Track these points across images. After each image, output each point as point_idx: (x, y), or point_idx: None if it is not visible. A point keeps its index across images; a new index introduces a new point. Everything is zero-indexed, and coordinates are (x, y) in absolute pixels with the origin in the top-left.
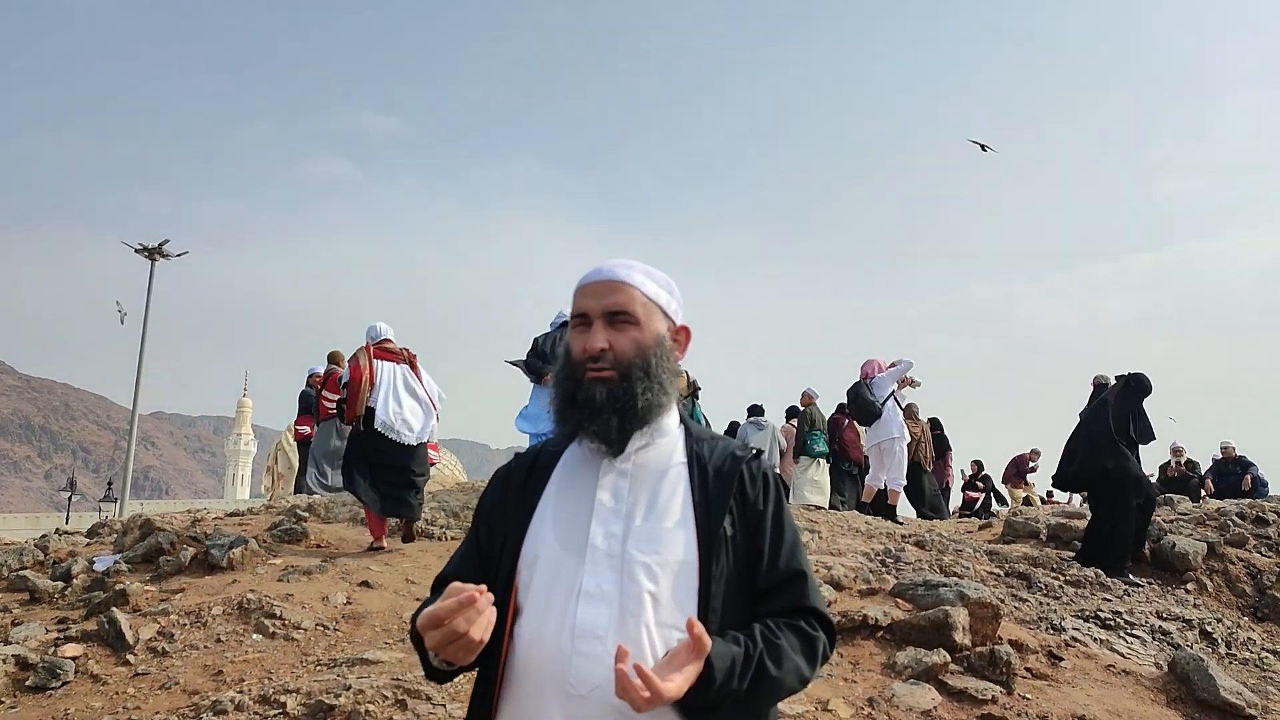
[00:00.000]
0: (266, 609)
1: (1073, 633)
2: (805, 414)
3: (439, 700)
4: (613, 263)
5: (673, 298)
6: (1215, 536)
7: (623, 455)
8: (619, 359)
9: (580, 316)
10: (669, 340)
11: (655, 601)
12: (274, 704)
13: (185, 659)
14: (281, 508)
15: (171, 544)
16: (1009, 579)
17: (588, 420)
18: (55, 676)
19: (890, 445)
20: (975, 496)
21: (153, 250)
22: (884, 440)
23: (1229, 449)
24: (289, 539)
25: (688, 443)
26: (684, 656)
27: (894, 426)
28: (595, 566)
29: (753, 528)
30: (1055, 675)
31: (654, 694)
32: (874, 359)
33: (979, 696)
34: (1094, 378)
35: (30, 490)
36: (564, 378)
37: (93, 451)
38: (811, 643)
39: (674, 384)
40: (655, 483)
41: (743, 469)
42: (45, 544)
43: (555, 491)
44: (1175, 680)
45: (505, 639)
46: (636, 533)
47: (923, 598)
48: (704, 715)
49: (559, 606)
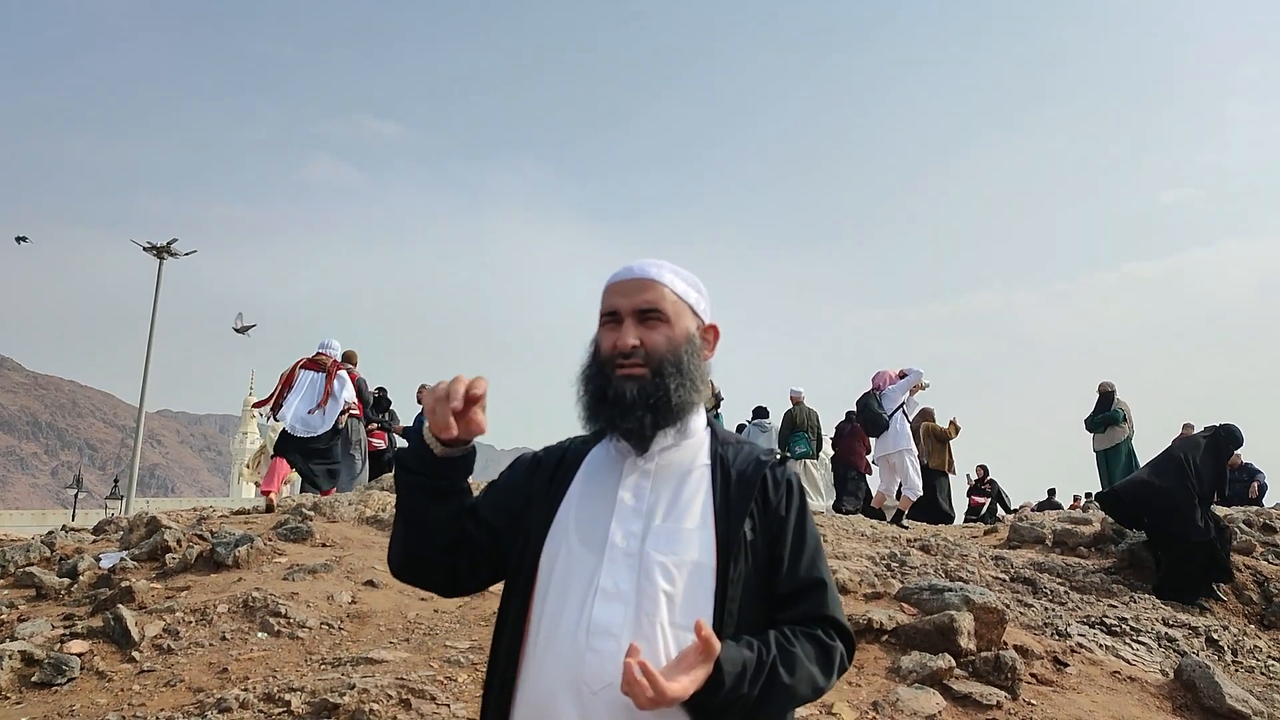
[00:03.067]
0: (271, 607)
1: (1078, 639)
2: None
3: (443, 700)
4: (642, 261)
5: (701, 296)
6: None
7: (647, 455)
8: (651, 356)
9: (610, 314)
10: (699, 339)
11: (671, 602)
12: (278, 702)
13: (190, 656)
14: (287, 506)
15: (177, 541)
16: (1014, 584)
17: (620, 417)
18: (61, 673)
19: (900, 458)
20: (981, 502)
21: (161, 249)
22: (892, 454)
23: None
24: (294, 537)
25: (712, 445)
26: (693, 658)
27: (902, 439)
28: (613, 565)
29: (774, 533)
30: (1060, 681)
31: (658, 694)
32: (885, 370)
33: (984, 701)
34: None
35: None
36: (593, 374)
37: (99, 449)
38: (828, 652)
39: (705, 382)
40: (677, 483)
41: (766, 474)
42: (52, 540)
43: (579, 489)
44: (1181, 687)
45: (524, 634)
46: (655, 532)
47: (928, 602)
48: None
49: (575, 603)
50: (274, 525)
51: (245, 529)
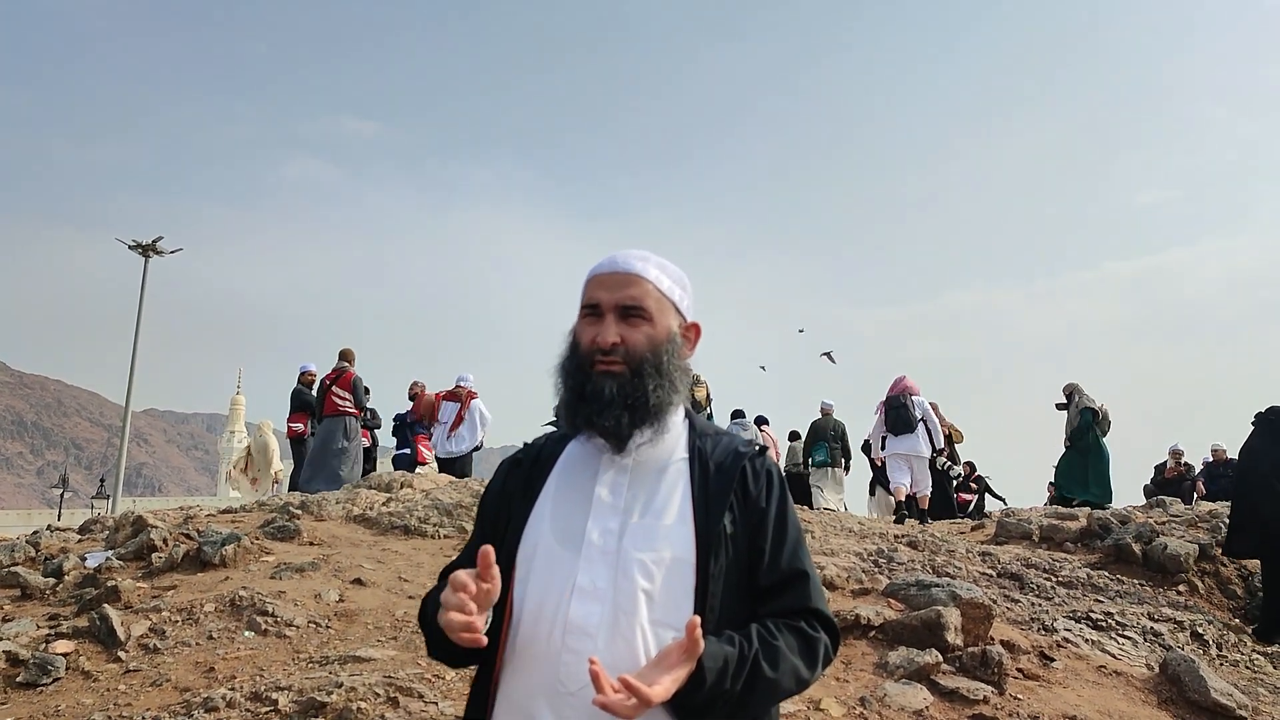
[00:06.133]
0: (259, 606)
1: (1064, 633)
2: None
3: (431, 698)
4: (627, 253)
5: (686, 293)
6: (1207, 538)
7: (624, 451)
8: (631, 354)
9: (591, 307)
10: (680, 337)
11: (650, 599)
12: (266, 701)
13: (177, 656)
14: (274, 505)
15: (164, 540)
16: (1001, 580)
17: (596, 415)
18: (46, 673)
19: (919, 461)
20: (968, 499)
21: (146, 247)
22: (914, 456)
23: (1220, 452)
24: (282, 536)
25: (690, 438)
26: (675, 657)
27: (924, 446)
28: (590, 563)
29: (754, 525)
30: (1047, 676)
31: (641, 700)
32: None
33: (971, 696)
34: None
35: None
36: (571, 369)
37: (85, 448)
38: (812, 644)
39: (684, 381)
40: (655, 479)
41: (745, 465)
42: (37, 540)
43: (555, 486)
44: (1166, 681)
45: (503, 634)
46: (633, 529)
47: (915, 598)
48: (695, 717)
49: (552, 602)
50: (261, 524)
51: (232, 528)
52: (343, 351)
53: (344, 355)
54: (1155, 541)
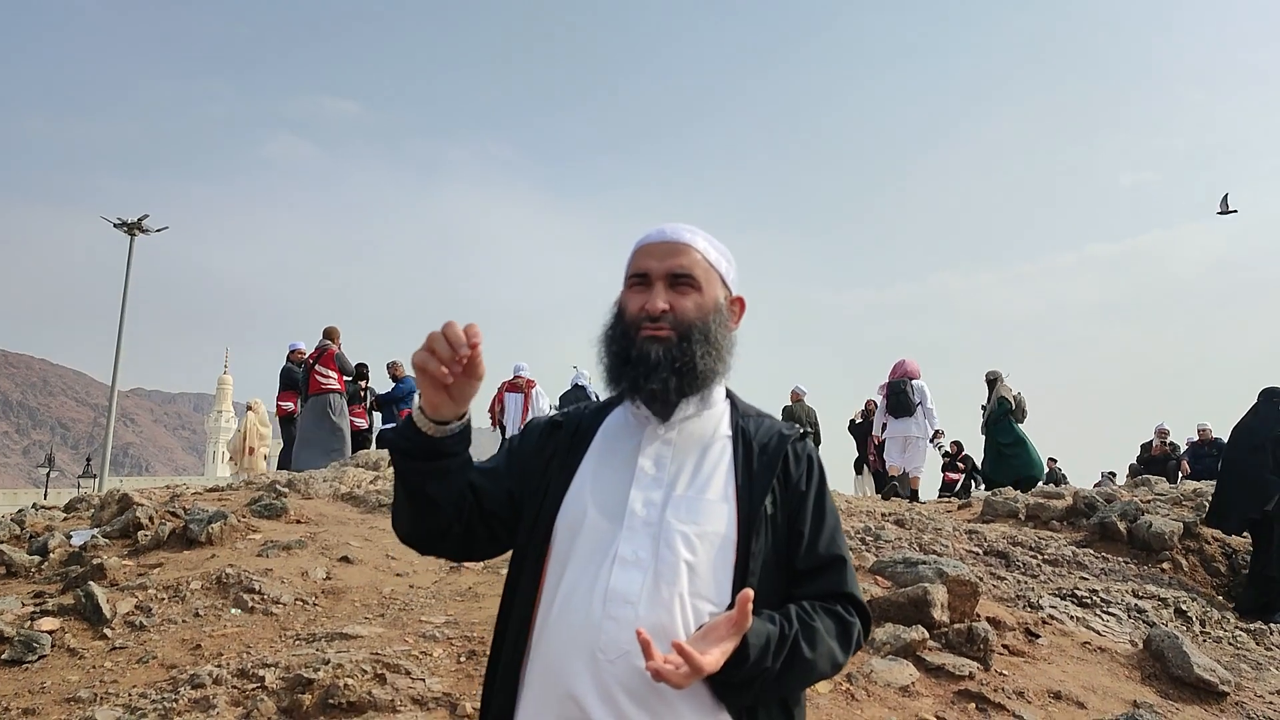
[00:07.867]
0: (245, 584)
1: (1050, 610)
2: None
3: (418, 674)
4: (675, 225)
5: (731, 266)
6: (1191, 516)
7: (668, 423)
8: (679, 321)
9: (640, 276)
10: (726, 309)
11: (691, 571)
12: (252, 678)
13: (163, 633)
14: (261, 483)
15: (150, 518)
16: (987, 557)
17: (644, 378)
18: (32, 650)
19: (915, 441)
20: (955, 478)
21: (132, 225)
22: (911, 436)
23: (1205, 431)
24: (269, 514)
25: (733, 417)
26: (723, 629)
27: (920, 429)
28: (632, 533)
29: (794, 509)
30: (1032, 652)
31: (693, 668)
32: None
33: (957, 672)
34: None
35: (8, 466)
36: (617, 335)
37: (71, 428)
38: (847, 628)
39: (730, 352)
40: (699, 454)
41: (788, 449)
42: (22, 518)
43: (596, 456)
44: (1150, 657)
45: (536, 601)
46: (676, 502)
47: (902, 575)
48: (735, 692)
49: (592, 571)
50: (248, 502)
51: (219, 506)
52: (326, 329)
53: (327, 333)
54: (1140, 520)
